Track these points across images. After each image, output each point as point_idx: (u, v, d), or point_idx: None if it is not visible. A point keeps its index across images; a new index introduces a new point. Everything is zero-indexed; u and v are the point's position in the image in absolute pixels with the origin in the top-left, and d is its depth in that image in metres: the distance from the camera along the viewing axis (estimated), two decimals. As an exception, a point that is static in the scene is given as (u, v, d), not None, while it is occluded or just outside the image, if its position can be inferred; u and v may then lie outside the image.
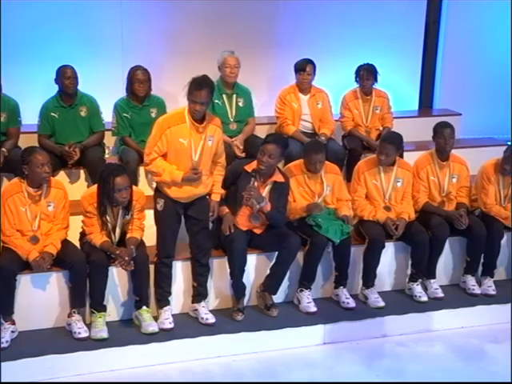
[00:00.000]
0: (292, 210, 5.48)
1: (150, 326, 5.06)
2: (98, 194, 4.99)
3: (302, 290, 5.46)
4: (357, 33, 7.45)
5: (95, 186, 5.08)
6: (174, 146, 4.95)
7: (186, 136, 4.95)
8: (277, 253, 5.33)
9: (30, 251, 4.91)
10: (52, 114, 5.93)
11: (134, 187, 5.12)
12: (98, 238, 5.01)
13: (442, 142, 5.80)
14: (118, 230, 5.10)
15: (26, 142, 5.89)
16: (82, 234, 5.17)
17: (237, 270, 5.26)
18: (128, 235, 5.09)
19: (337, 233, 5.35)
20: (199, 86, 4.91)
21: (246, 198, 5.18)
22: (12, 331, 4.88)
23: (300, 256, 5.44)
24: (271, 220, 5.31)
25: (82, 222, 5.11)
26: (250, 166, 5.29)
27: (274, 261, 5.37)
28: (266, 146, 5.22)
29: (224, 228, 5.21)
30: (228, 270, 5.30)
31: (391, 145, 5.63)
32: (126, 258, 4.90)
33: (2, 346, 4.77)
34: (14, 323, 4.91)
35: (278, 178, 5.32)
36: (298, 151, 6.17)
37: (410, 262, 5.76)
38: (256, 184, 5.27)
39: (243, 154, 6.21)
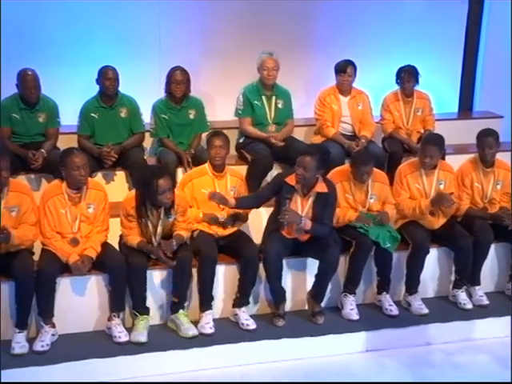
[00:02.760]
0: (337, 217, 5.36)
1: (191, 330, 5.00)
2: (137, 197, 4.95)
3: (346, 295, 5.37)
4: (396, 33, 7.31)
5: None
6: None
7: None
8: (318, 262, 5.26)
9: (71, 254, 4.87)
10: (92, 114, 5.89)
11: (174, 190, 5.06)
12: (135, 239, 4.98)
13: (485, 150, 5.66)
14: (159, 232, 5.04)
15: (65, 142, 5.88)
16: (122, 237, 5.13)
17: (272, 275, 5.18)
18: (174, 233, 5.05)
19: (385, 238, 5.26)
20: None
21: (282, 221, 5.08)
22: (52, 334, 4.84)
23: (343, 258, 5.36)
24: (314, 235, 5.20)
25: (121, 224, 5.06)
26: (291, 178, 5.17)
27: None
28: (301, 158, 5.12)
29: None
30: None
31: (435, 147, 5.51)
32: (164, 253, 4.88)
33: (42, 349, 4.74)
34: (54, 326, 4.87)
35: (322, 188, 5.18)
36: (337, 154, 6.09)
37: (453, 268, 5.64)
38: (298, 197, 5.16)
39: (282, 143, 6.13)
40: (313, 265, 5.34)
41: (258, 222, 5.61)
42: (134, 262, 4.94)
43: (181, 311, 5.07)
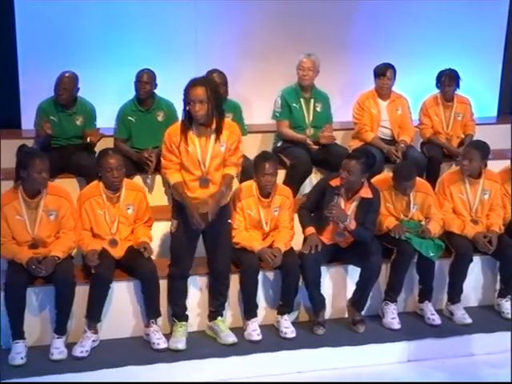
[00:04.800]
0: (379, 225, 5.26)
1: (230, 337, 4.93)
2: (183, 122, 4.61)
3: (387, 303, 5.26)
4: (435, 35, 7.21)
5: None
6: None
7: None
8: (360, 269, 5.16)
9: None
10: (129, 117, 5.84)
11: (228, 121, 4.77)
12: (174, 177, 4.66)
13: None
14: (208, 162, 4.64)
15: (101, 145, 5.80)
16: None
17: (310, 282, 5.09)
18: (224, 171, 4.71)
19: (428, 247, 5.16)
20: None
21: (328, 216, 4.99)
22: (93, 340, 4.78)
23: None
24: (356, 238, 5.11)
25: (162, 156, 4.73)
26: (335, 182, 5.08)
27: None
28: (346, 162, 5.03)
29: (305, 248, 5.05)
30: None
31: (476, 150, 5.39)
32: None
33: (81, 355, 4.68)
34: (96, 332, 4.81)
35: (366, 193, 5.08)
36: (377, 159, 5.97)
37: (498, 278, 5.52)
38: (341, 200, 5.07)
39: (317, 147, 6.04)
40: (353, 272, 5.25)
41: (295, 228, 5.50)
42: (176, 272, 4.86)
43: (219, 318, 5.00)
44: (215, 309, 5.01)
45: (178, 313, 4.93)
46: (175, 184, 4.66)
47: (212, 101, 4.52)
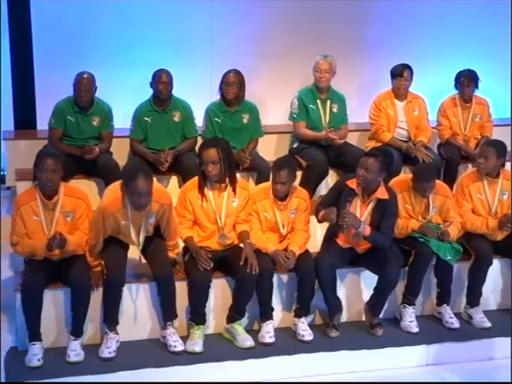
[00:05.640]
0: (399, 227, 5.20)
1: (247, 341, 4.89)
2: (199, 179, 4.90)
3: (405, 306, 5.20)
4: (451, 36, 7.16)
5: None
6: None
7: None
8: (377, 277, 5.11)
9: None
10: (145, 118, 5.80)
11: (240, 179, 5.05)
12: (185, 232, 4.89)
13: None
14: (223, 217, 4.92)
15: (116, 145, 5.84)
16: (185, 249, 5.03)
17: (325, 286, 5.04)
18: (238, 228, 5.01)
19: (446, 250, 5.10)
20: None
21: (341, 224, 4.93)
22: (117, 341, 4.75)
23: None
24: (372, 243, 5.05)
25: (176, 212, 4.90)
26: (352, 182, 5.03)
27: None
28: (364, 159, 4.98)
29: (325, 215, 4.99)
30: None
31: (491, 147, 5.33)
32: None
33: (110, 355, 4.66)
34: (117, 333, 4.77)
35: (383, 194, 5.02)
36: (394, 160, 5.92)
37: (517, 280, 5.48)
38: (357, 202, 5.01)
39: (341, 141, 6.02)
40: (369, 275, 5.19)
41: (311, 231, 5.46)
42: (198, 280, 4.83)
43: (237, 321, 4.97)
44: (234, 314, 4.98)
45: (197, 315, 4.90)
46: (186, 239, 4.93)
47: (224, 160, 4.83)
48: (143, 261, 5.02)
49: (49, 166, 4.55)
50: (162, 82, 5.74)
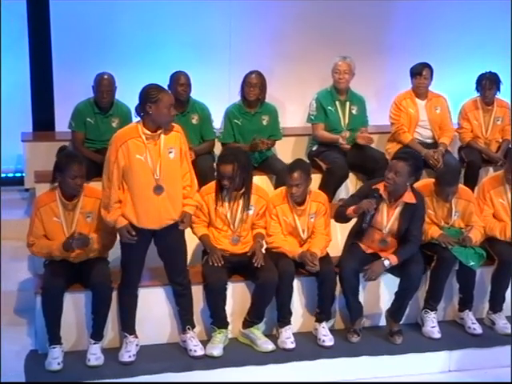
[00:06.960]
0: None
1: (269, 344, 4.85)
2: (217, 184, 4.92)
3: (426, 312, 5.14)
4: (471, 38, 7.10)
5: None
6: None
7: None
8: (399, 280, 5.04)
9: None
10: (164, 120, 5.77)
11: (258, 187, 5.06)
12: (201, 230, 4.92)
13: None
14: (237, 223, 4.94)
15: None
16: (204, 252, 5.00)
17: (348, 291, 4.99)
18: (254, 232, 5.02)
19: (468, 256, 5.04)
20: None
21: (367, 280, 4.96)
22: (136, 344, 4.71)
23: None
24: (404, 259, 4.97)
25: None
26: (379, 186, 4.95)
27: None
28: (394, 162, 4.92)
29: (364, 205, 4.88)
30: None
31: None
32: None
33: (130, 359, 4.62)
34: (137, 336, 4.74)
35: (410, 198, 4.94)
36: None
37: (541, 286, 5.39)
38: (384, 206, 4.94)
39: (348, 147, 5.96)
40: (389, 280, 5.12)
41: (332, 234, 5.40)
42: (214, 281, 4.79)
43: (255, 326, 4.92)
44: (252, 318, 4.92)
45: (217, 319, 4.85)
46: (201, 237, 4.96)
47: (240, 175, 4.85)
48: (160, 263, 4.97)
49: (77, 172, 4.56)
50: (180, 84, 5.71)
